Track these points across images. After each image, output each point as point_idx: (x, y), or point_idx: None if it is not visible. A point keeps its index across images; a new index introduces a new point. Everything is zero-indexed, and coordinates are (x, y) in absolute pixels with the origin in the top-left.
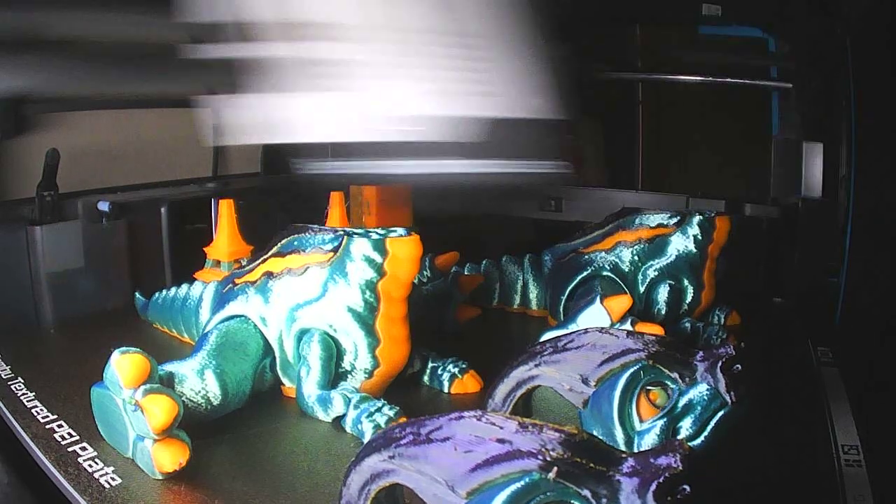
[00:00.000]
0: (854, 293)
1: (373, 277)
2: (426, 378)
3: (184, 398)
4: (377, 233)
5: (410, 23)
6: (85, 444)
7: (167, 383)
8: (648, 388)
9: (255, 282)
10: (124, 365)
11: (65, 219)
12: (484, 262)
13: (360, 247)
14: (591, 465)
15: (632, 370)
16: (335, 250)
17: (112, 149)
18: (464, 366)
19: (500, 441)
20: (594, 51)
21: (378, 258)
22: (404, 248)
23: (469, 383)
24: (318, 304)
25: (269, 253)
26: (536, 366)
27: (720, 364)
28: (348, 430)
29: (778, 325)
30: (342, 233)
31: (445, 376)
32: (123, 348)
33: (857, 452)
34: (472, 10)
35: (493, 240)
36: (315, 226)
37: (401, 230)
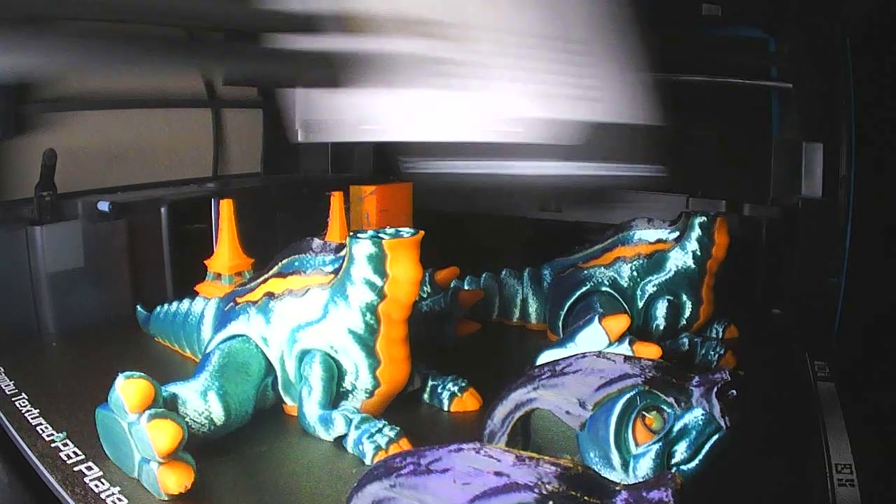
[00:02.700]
0: (853, 294)
1: (373, 300)
2: (426, 396)
3: (187, 419)
4: (378, 252)
5: (518, 26)
6: (90, 464)
7: (170, 405)
8: (644, 412)
9: (256, 301)
10: (129, 390)
11: (65, 219)
12: (484, 275)
13: (361, 270)
14: (586, 497)
15: (628, 395)
16: (336, 272)
17: (112, 149)
18: (463, 384)
19: (498, 474)
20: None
21: (378, 281)
22: (405, 271)
23: (468, 401)
24: (319, 326)
25: (271, 273)
26: (535, 389)
27: (715, 389)
28: (350, 449)
29: (776, 337)
30: (342, 255)
31: (445, 395)
32: (128, 373)
33: (851, 471)
34: (579, 17)
35: (494, 240)
36: (316, 241)
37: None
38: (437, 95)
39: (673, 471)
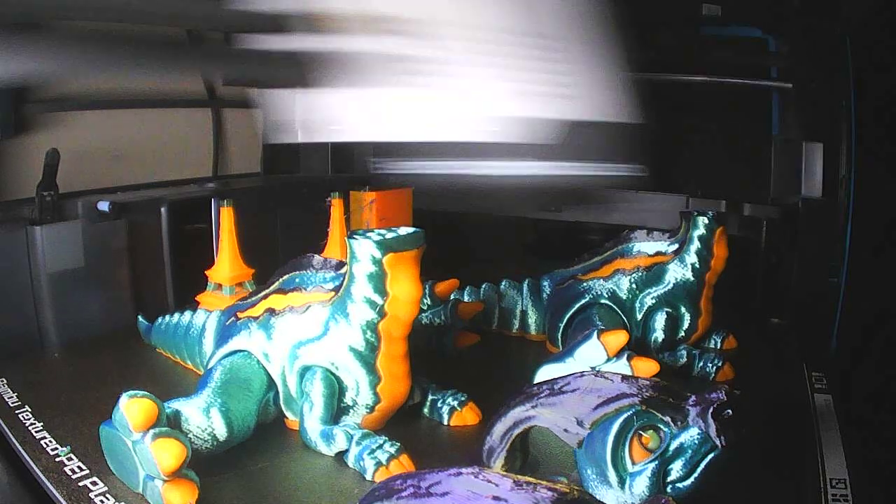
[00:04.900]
0: (853, 294)
1: (374, 318)
2: (426, 410)
3: (190, 436)
4: (378, 270)
5: (492, 23)
6: (95, 479)
7: (173, 422)
8: (641, 431)
9: (257, 317)
10: (133, 410)
11: (65, 219)
12: (483, 286)
13: (361, 288)
14: None
15: (625, 415)
16: (336, 289)
17: (112, 149)
18: (463, 398)
19: (496, 498)
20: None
21: (379, 300)
22: (405, 289)
23: (468, 416)
24: (319, 343)
25: (271, 288)
26: (533, 407)
27: (711, 409)
28: (350, 465)
29: (774, 347)
30: (343, 272)
31: (445, 409)
32: (131, 392)
33: (845, 487)
34: (553, 14)
35: (493, 241)
36: (317, 257)
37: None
38: (408, 94)
39: (668, 489)
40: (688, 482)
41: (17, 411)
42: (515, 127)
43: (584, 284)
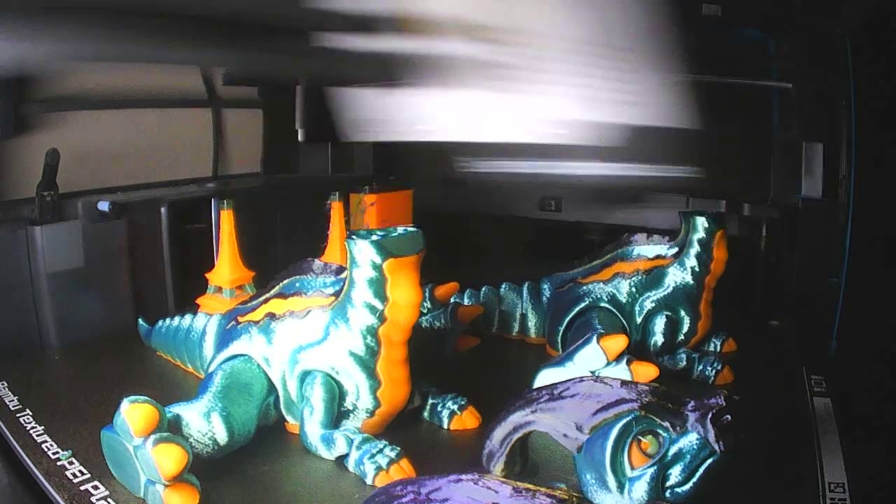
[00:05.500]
0: (853, 294)
1: (374, 323)
2: (426, 414)
3: (191, 440)
4: (378, 276)
5: (566, 32)
6: (97, 483)
7: (174, 426)
8: (640, 437)
9: (257, 321)
10: (134, 415)
11: (65, 219)
12: (483, 289)
13: (361, 294)
14: None
15: (625, 420)
16: (337, 294)
17: (112, 149)
18: (463, 402)
19: None
20: None
21: (379, 305)
22: (405, 295)
23: (468, 420)
24: (320, 347)
25: (272, 293)
26: (533, 412)
27: (710, 415)
28: (351, 469)
29: (774, 350)
30: (343, 277)
31: (445, 413)
32: (132, 397)
33: (844, 491)
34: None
35: (494, 241)
36: (317, 262)
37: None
38: (487, 97)
39: (667, 494)
40: (686, 487)
41: (17, 415)
42: (584, 130)
43: (584, 288)
